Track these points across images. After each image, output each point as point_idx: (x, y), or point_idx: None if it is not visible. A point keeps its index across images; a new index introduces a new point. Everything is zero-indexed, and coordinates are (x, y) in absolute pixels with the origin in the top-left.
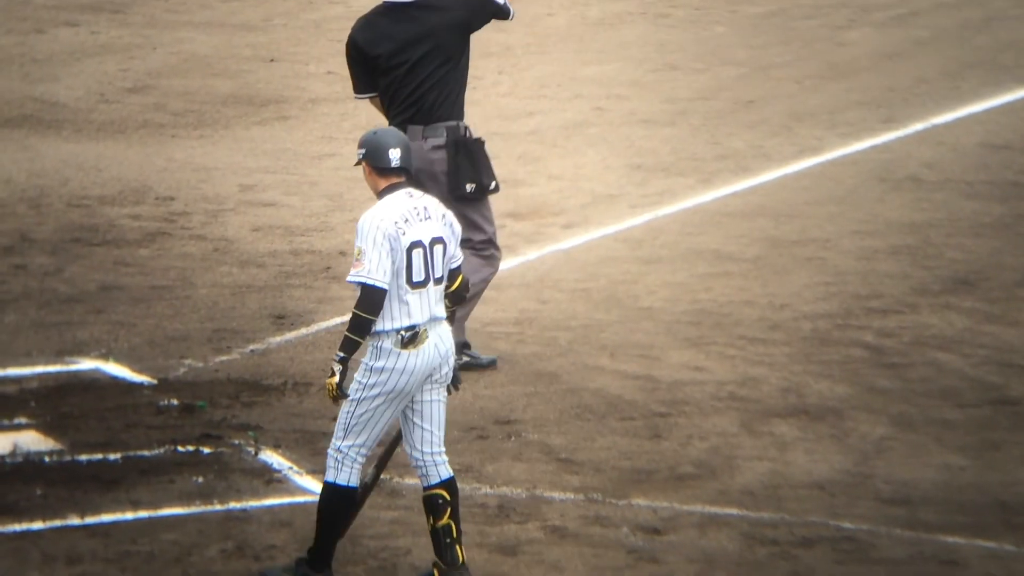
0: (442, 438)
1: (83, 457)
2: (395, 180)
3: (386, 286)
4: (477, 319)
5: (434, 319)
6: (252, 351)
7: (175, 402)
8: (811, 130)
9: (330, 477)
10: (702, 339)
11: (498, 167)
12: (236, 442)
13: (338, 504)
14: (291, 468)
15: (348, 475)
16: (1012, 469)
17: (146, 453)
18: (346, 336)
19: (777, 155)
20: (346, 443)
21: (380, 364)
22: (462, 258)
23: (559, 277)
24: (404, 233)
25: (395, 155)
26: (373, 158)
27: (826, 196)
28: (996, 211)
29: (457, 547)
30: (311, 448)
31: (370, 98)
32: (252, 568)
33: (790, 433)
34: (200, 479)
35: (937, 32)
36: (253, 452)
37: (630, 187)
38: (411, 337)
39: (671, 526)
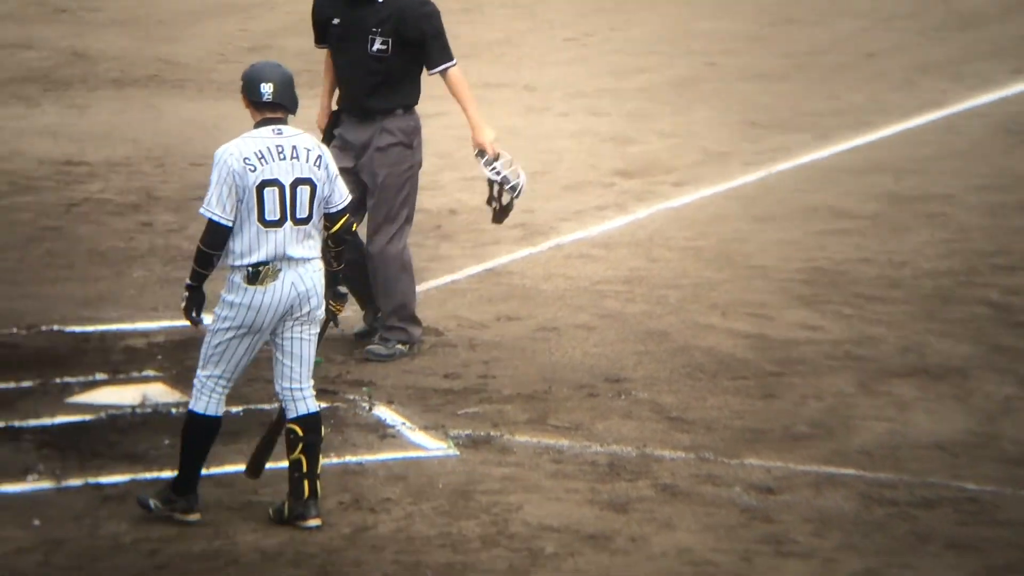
0: (304, 374)
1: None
2: (269, 115)
3: (226, 222)
4: (586, 277)
5: (290, 258)
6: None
7: None
8: (935, 83)
9: (191, 405)
10: (817, 298)
11: (607, 124)
12: (351, 397)
13: (195, 432)
14: (403, 423)
15: (206, 404)
16: None
17: (265, 407)
18: (192, 267)
19: (898, 109)
20: (204, 372)
21: (230, 298)
22: (345, 201)
23: (669, 235)
24: (253, 170)
25: (267, 89)
26: (247, 90)
27: (949, 151)
28: None
29: (305, 482)
30: (423, 404)
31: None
32: (368, 520)
33: (910, 393)
34: None
35: None
36: (367, 407)
37: (743, 144)
38: (256, 274)
39: (785, 486)
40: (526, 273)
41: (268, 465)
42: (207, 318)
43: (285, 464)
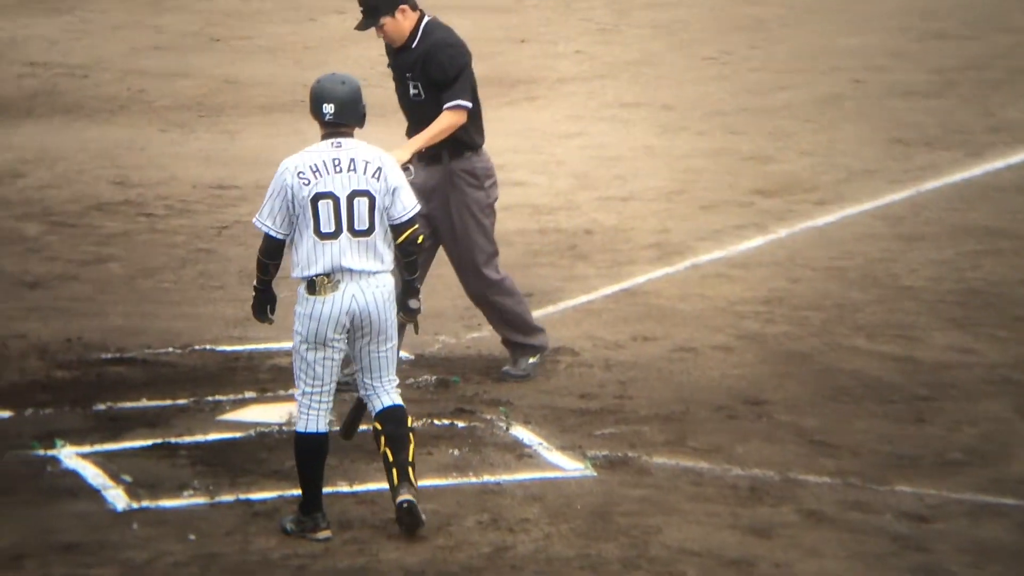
0: (378, 376)
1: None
2: (332, 130)
3: (275, 233)
4: (723, 297)
5: (350, 270)
6: None
7: (431, 377)
8: None
9: (296, 427)
10: (970, 320)
11: (747, 143)
12: (488, 417)
13: (302, 451)
14: (541, 444)
15: (306, 422)
16: None
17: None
18: (256, 274)
19: None
20: (297, 391)
21: (298, 309)
22: (409, 212)
23: (811, 255)
24: (307, 183)
25: (328, 109)
26: (311, 107)
27: None
28: None
29: (393, 470)
30: (559, 425)
31: None
32: (507, 540)
33: None
34: (456, 452)
35: None
36: (504, 427)
37: (889, 162)
38: (313, 284)
39: (939, 514)
40: (662, 293)
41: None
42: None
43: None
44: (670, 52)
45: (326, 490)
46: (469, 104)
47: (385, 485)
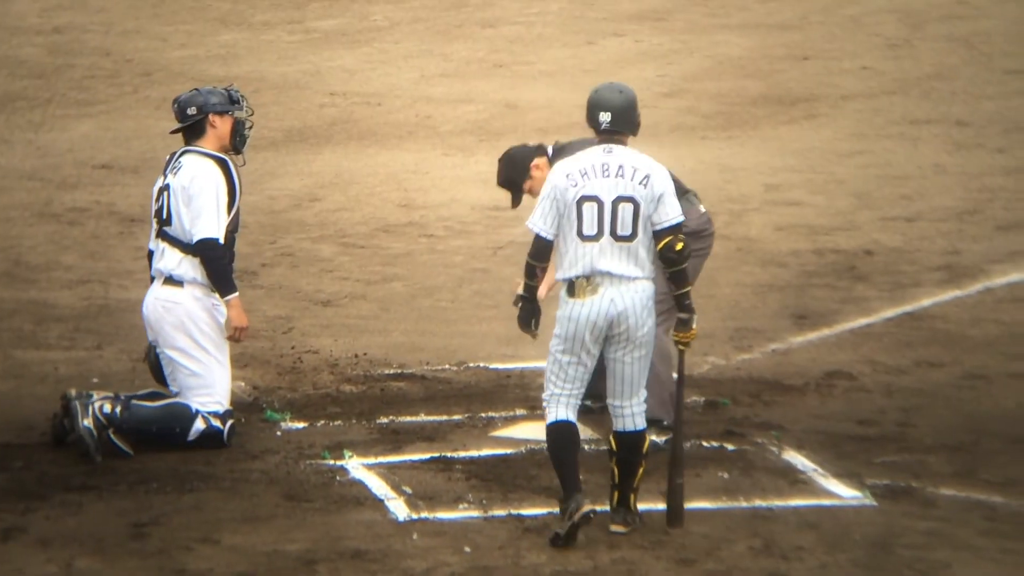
0: (627, 392)
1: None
2: (605, 137)
3: (547, 234)
4: (1021, 323)
5: (610, 274)
6: (773, 350)
7: (700, 399)
8: None
9: (546, 420)
10: None
11: None
12: (759, 440)
13: (554, 441)
14: (816, 470)
15: (555, 413)
16: None
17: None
18: (523, 280)
19: None
20: (546, 393)
21: (559, 312)
22: (670, 221)
23: None
24: (575, 185)
25: (604, 118)
26: (588, 115)
27: None
28: None
29: (615, 492)
30: (836, 451)
31: None
32: (781, 567)
33: None
34: (726, 475)
35: None
36: (776, 451)
37: None
38: (572, 286)
39: None
40: (950, 317)
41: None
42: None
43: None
44: (967, 66)
45: (598, 508)
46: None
47: (651, 506)
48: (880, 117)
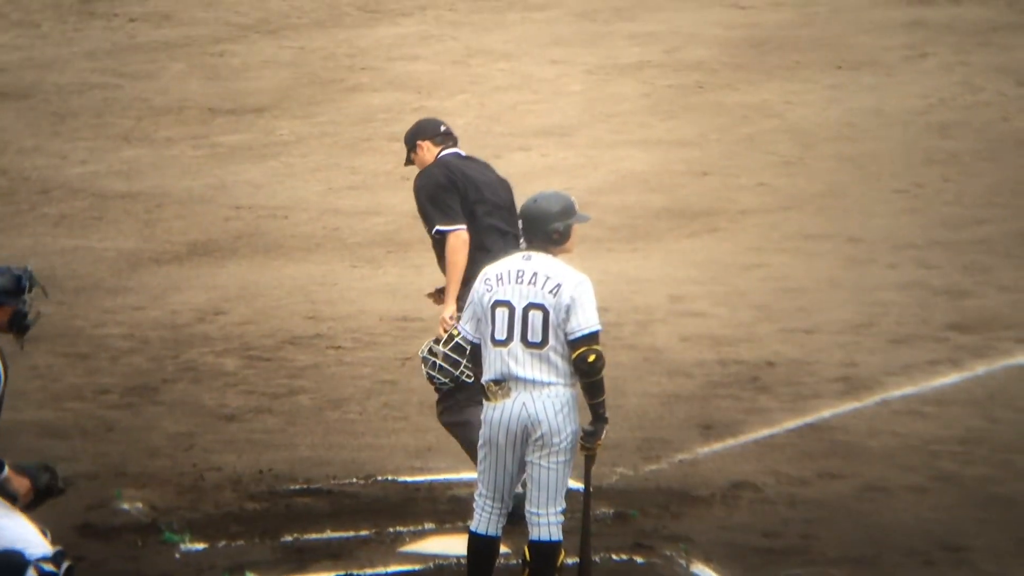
0: (543, 500)
1: (514, 561)
2: (527, 245)
3: (473, 339)
4: (916, 435)
5: (521, 379)
6: (680, 460)
7: (609, 510)
8: None
9: (470, 525)
10: None
11: (940, 277)
12: (668, 553)
13: (471, 550)
14: None
15: (477, 522)
16: None
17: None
18: None
19: None
20: (476, 491)
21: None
22: (580, 332)
23: (1013, 394)
24: (490, 291)
25: (521, 226)
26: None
27: None
28: None
29: None
30: (743, 564)
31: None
32: None
33: None
34: None
35: None
36: (685, 564)
37: None
38: (485, 390)
39: None
40: (849, 428)
41: None
42: None
43: None
44: (857, 184)
45: None
46: (448, 228)
47: None
48: (777, 232)
